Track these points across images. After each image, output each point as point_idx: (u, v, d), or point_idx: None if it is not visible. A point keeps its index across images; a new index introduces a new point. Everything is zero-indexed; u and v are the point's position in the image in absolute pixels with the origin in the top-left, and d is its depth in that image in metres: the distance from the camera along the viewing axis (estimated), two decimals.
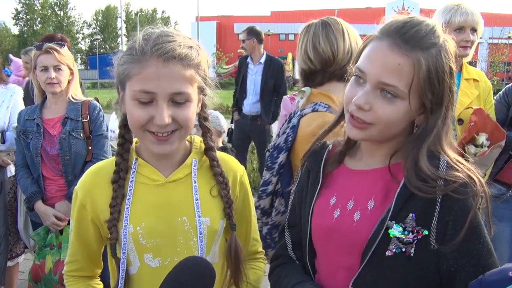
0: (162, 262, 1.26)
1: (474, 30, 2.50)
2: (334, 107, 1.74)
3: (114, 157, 1.32)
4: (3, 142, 3.01)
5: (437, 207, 1.05)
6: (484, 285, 1.00)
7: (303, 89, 1.87)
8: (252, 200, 1.47)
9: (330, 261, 1.23)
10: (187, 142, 1.35)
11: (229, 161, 1.40)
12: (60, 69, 2.66)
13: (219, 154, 1.37)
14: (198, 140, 1.37)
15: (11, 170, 3.16)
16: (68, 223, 2.67)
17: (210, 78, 1.28)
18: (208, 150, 1.33)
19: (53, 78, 2.62)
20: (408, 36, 1.07)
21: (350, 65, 1.23)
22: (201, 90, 1.23)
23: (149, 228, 1.24)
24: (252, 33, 5.70)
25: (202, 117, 1.33)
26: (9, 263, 3.15)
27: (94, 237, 1.31)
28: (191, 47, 1.18)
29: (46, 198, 2.71)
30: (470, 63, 2.77)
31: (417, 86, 1.07)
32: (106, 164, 1.33)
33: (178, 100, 1.14)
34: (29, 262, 3.69)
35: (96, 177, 1.31)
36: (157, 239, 1.25)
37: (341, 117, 1.27)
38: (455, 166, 1.09)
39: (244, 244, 1.43)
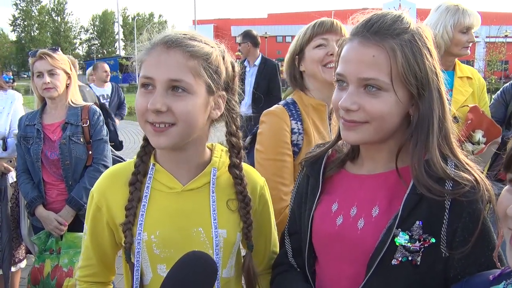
0: None
1: (472, 29, 2.55)
2: (300, 106, 1.88)
3: (131, 160, 1.30)
4: (5, 149, 3.01)
5: (446, 213, 1.02)
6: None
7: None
8: (273, 213, 1.43)
9: (332, 269, 1.19)
10: (207, 149, 1.31)
11: (250, 173, 1.36)
12: (54, 73, 2.66)
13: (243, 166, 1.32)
14: (219, 148, 1.33)
15: (13, 176, 3.16)
16: (68, 230, 2.68)
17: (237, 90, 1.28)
18: (231, 167, 1.28)
19: (48, 83, 2.63)
20: (376, 28, 1.08)
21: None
22: (210, 90, 1.17)
23: (163, 238, 1.20)
24: (247, 36, 5.85)
25: (228, 132, 1.28)
26: (12, 269, 3.14)
27: (109, 241, 1.29)
28: (202, 41, 1.16)
29: (47, 203, 2.72)
30: (468, 62, 2.81)
31: (397, 73, 1.06)
32: (123, 167, 1.31)
33: (176, 89, 1.11)
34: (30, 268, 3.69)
35: (112, 179, 1.28)
36: (171, 249, 1.20)
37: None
38: (462, 166, 1.07)
39: (262, 258, 1.40)
